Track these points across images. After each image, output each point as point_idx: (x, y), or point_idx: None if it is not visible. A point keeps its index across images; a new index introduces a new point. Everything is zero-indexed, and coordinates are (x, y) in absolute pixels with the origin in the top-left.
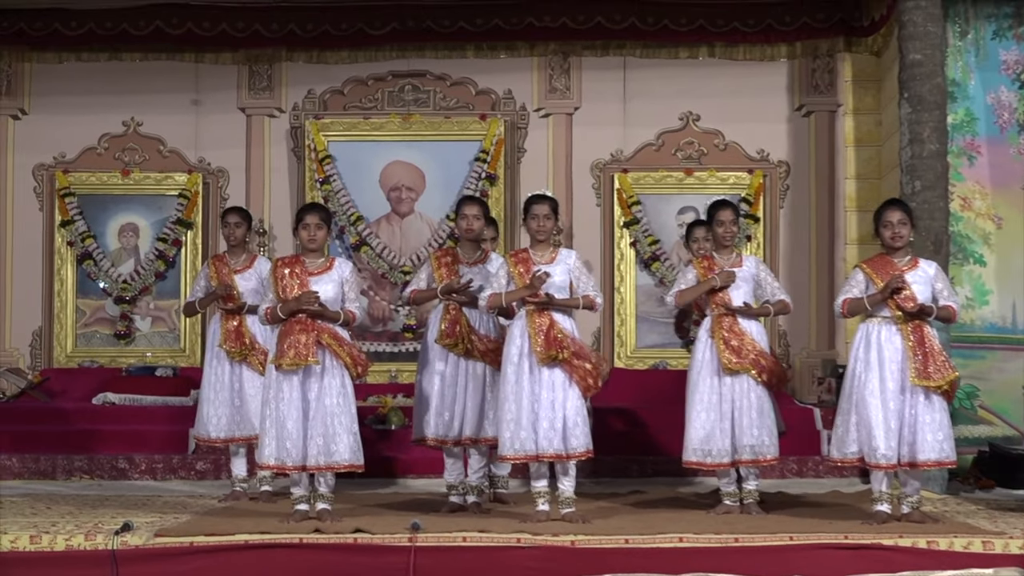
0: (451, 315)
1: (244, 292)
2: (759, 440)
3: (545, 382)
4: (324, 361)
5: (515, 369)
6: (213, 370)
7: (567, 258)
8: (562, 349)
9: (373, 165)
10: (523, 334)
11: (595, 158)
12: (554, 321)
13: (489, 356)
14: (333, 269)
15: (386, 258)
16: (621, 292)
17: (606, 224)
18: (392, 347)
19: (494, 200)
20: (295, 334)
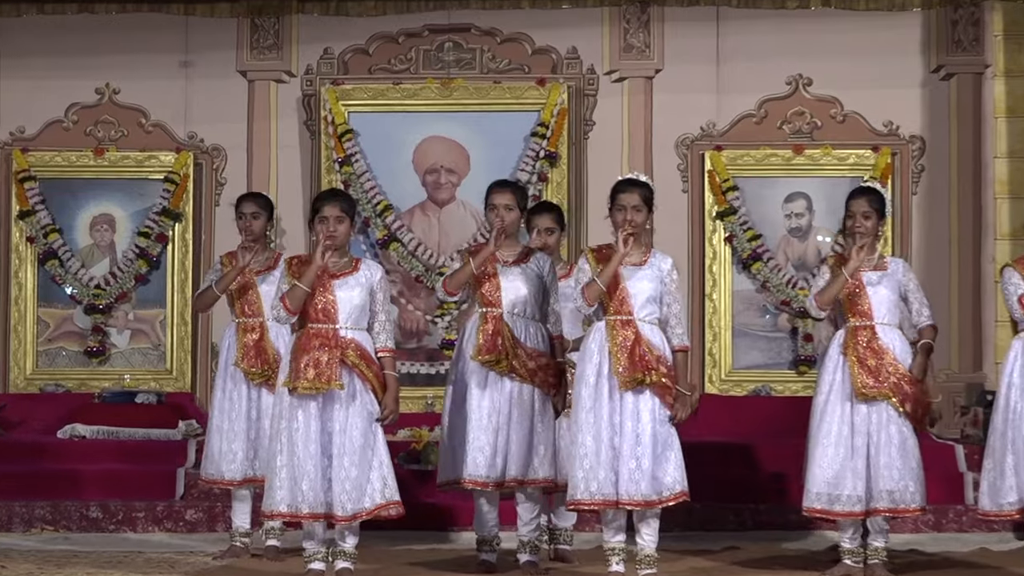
0: (490, 325)
1: (265, 298)
2: (901, 485)
3: (628, 410)
4: (350, 385)
5: (592, 392)
6: (227, 395)
7: (661, 264)
8: (649, 371)
9: (405, 142)
10: (602, 350)
11: (681, 133)
12: (640, 335)
13: (538, 376)
14: (360, 272)
15: (421, 257)
16: (713, 300)
17: (694, 215)
18: (428, 368)
19: (555, 186)
20: (314, 350)
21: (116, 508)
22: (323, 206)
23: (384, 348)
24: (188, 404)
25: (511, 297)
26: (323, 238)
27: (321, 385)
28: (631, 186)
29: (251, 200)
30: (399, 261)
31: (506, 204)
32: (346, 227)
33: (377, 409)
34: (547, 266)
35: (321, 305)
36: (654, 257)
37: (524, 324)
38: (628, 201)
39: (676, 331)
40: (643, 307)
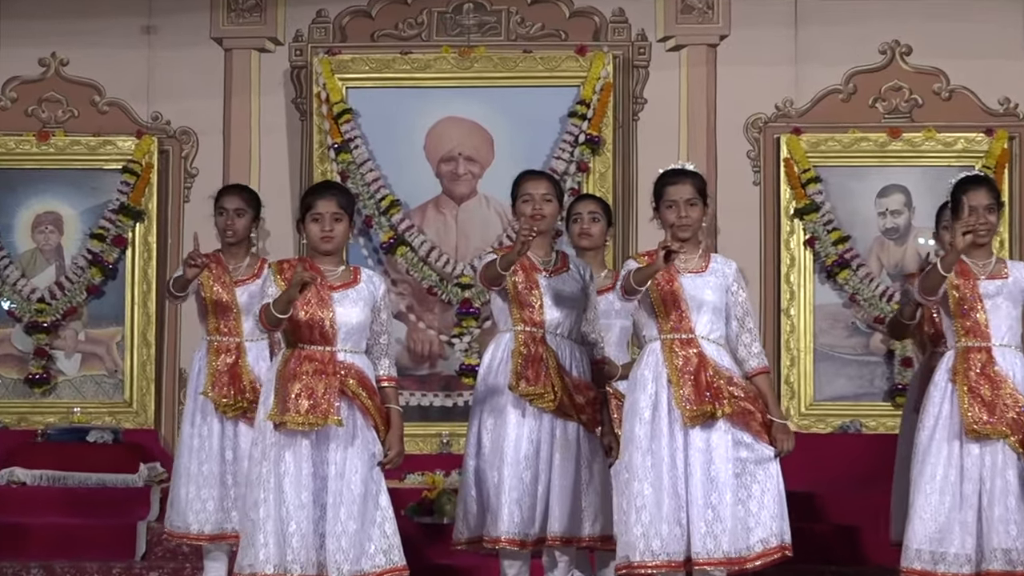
0: (530, 348)
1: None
2: (1019, 543)
3: (697, 448)
4: (349, 420)
5: (648, 430)
6: (196, 429)
7: (724, 269)
8: (720, 400)
9: (416, 124)
10: (658, 377)
11: (751, 113)
12: (705, 357)
13: (586, 412)
14: (360, 284)
15: (434, 264)
16: (791, 316)
17: (767, 212)
18: (444, 399)
19: (597, 177)
20: (307, 377)
21: (64, 570)
22: (316, 201)
23: (387, 376)
24: (151, 444)
25: (555, 314)
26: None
27: (316, 420)
28: (681, 177)
29: (235, 194)
30: (408, 269)
31: (543, 194)
32: (344, 227)
33: (379, 450)
34: (588, 274)
35: (318, 323)
36: (715, 262)
37: (569, 348)
38: (679, 194)
39: (752, 350)
40: (707, 322)
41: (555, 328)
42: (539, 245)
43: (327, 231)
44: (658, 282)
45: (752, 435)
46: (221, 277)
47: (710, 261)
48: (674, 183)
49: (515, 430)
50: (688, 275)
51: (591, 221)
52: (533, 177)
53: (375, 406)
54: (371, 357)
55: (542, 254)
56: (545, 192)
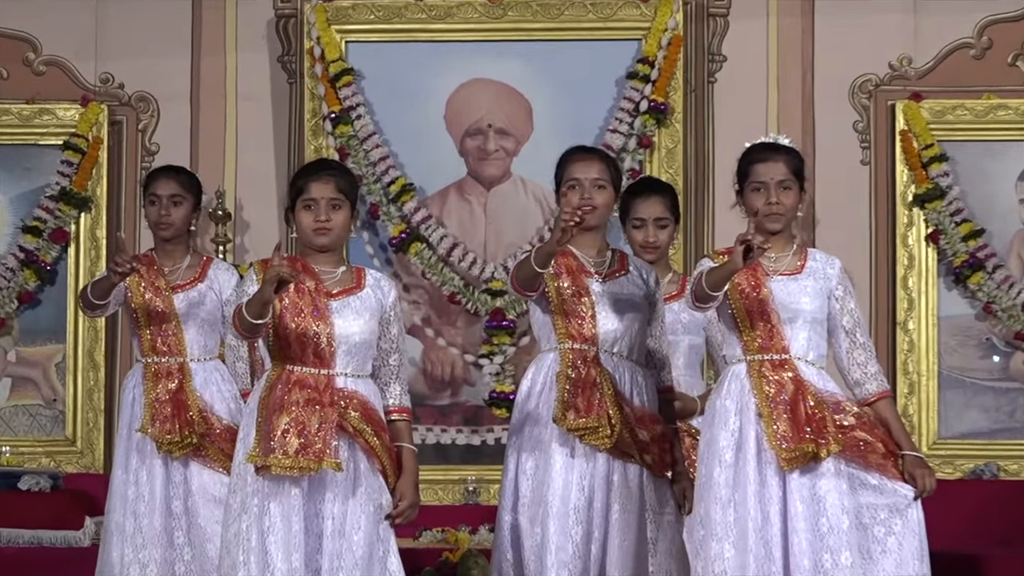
0: (580, 370)
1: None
2: None
3: (800, 496)
4: (350, 464)
5: (730, 476)
6: (131, 476)
7: (826, 268)
8: (825, 436)
9: (434, 88)
10: (743, 409)
11: (859, 73)
12: (804, 382)
13: (651, 452)
14: (365, 289)
15: (457, 265)
16: (909, 331)
17: (879, 199)
18: (469, 435)
19: (664, 154)
20: (298, 408)
21: None
22: (309, 184)
23: (397, 407)
24: (100, 492)
25: (611, 327)
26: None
27: (308, 463)
28: (772, 153)
29: (169, 178)
30: (424, 271)
31: (595, 179)
32: (344, 217)
33: (388, 500)
34: (652, 278)
35: (311, 338)
36: (814, 260)
37: (630, 370)
38: (769, 175)
39: (868, 370)
40: (805, 338)
41: (611, 345)
42: (588, 242)
43: (322, 221)
44: (741, 287)
45: (877, 472)
46: (155, 282)
47: (807, 259)
48: (763, 161)
49: (562, 475)
50: (779, 278)
51: (658, 229)
52: (582, 156)
53: (383, 445)
54: (378, 382)
55: (593, 253)
56: (597, 177)
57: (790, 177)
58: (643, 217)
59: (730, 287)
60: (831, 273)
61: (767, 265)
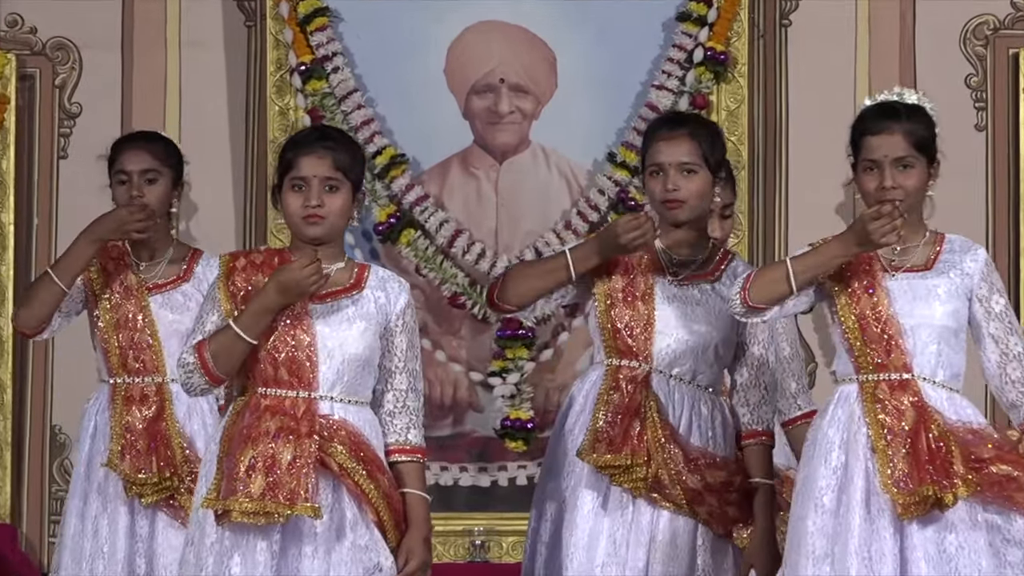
0: (623, 393)
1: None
2: None
3: (924, 553)
4: (335, 510)
5: (830, 524)
6: (87, 523)
7: (966, 261)
8: (952, 479)
9: (431, 34)
10: (851, 440)
11: (972, 15)
12: (929, 410)
13: (707, 503)
14: (364, 291)
15: (461, 257)
16: None
17: (998, 172)
18: (476, 475)
19: (725, 117)
20: (267, 439)
21: None
22: (299, 158)
23: (404, 446)
24: (5, 547)
25: (670, 342)
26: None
27: (277, 508)
28: (887, 121)
29: (142, 149)
30: (419, 266)
31: (683, 163)
32: (342, 201)
33: (387, 561)
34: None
35: (285, 352)
36: (950, 250)
37: (691, 399)
38: (883, 150)
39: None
40: (934, 353)
41: (668, 365)
42: (676, 235)
43: (313, 207)
44: (850, 285)
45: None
46: (125, 280)
47: (942, 251)
48: (876, 132)
49: (588, 522)
50: (903, 276)
51: (719, 218)
52: (667, 133)
53: (379, 491)
54: (380, 412)
55: (681, 249)
56: (687, 160)
57: (912, 152)
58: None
59: (834, 280)
60: (972, 268)
61: (887, 258)
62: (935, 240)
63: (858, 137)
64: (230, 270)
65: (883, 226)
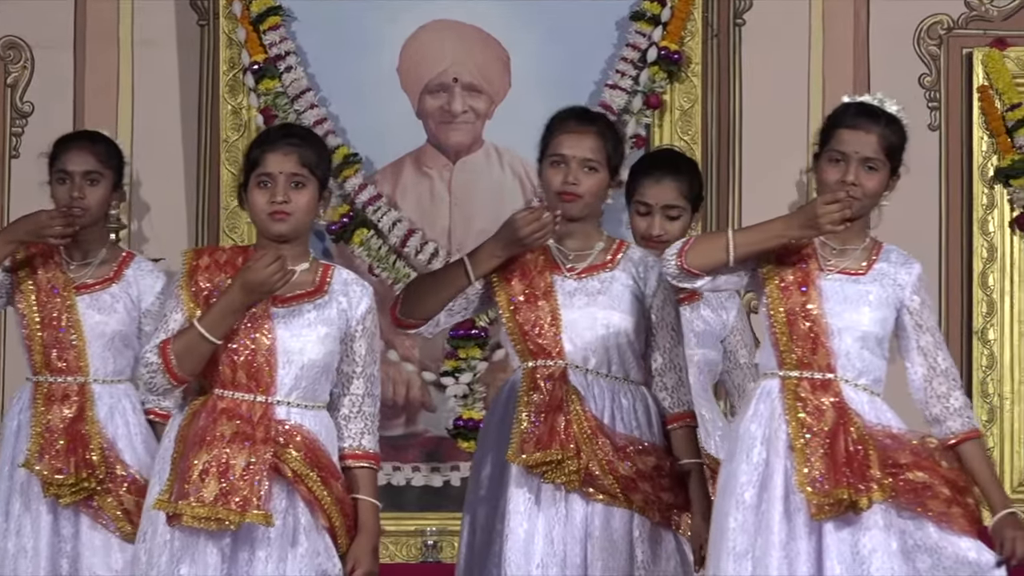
0: (543, 392)
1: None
2: None
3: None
4: (288, 516)
5: (751, 521)
6: (11, 522)
7: (899, 273)
8: (868, 483)
9: (384, 33)
10: (772, 437)
11: (927, 14)
12: (849, 410)
13: (640, 491)
14: (326, 295)
15: (414, 257)
16: (989, 342)
17: (951, 173)
18: (429, 475)
19: (678, 117)
20: (222, 443)
21: None
22: (266, 155)
23: (358, 452)
24: None
25: (580, 336)
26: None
27: (229, 514)
28: (866, 120)
29: (83, 148)
30: (372, 265)
31: (585, 159)
32: (308, 199)
33: (337, 568)
34: (655, 276)
35: (244, 355)
36: (886, 259)
37: (610, 391)
38: (856, 146)
39: (951, 404)
40: (858, 355)
41: (583, 360)
42: (571, 232)
43: (279, 203)
44: (783, 280)
45: (939, 526)
46: (52, 278)
47: (878, 259)
48: (853, 128)
49: (523, 523)
50: (837, 277)
51: (666, 220)
52: (575, 128)
53: (332, 496)
54: (336, 416)
55: (576, 245)
56: (589, 156)
57: (881, 156)
58: (649, 203)
59: (769, 271)
60: (905, 280)
61: (824, 257)
62: (873, 248)
63: (831, 128)
64: (193, 269)
65: (834, 212)
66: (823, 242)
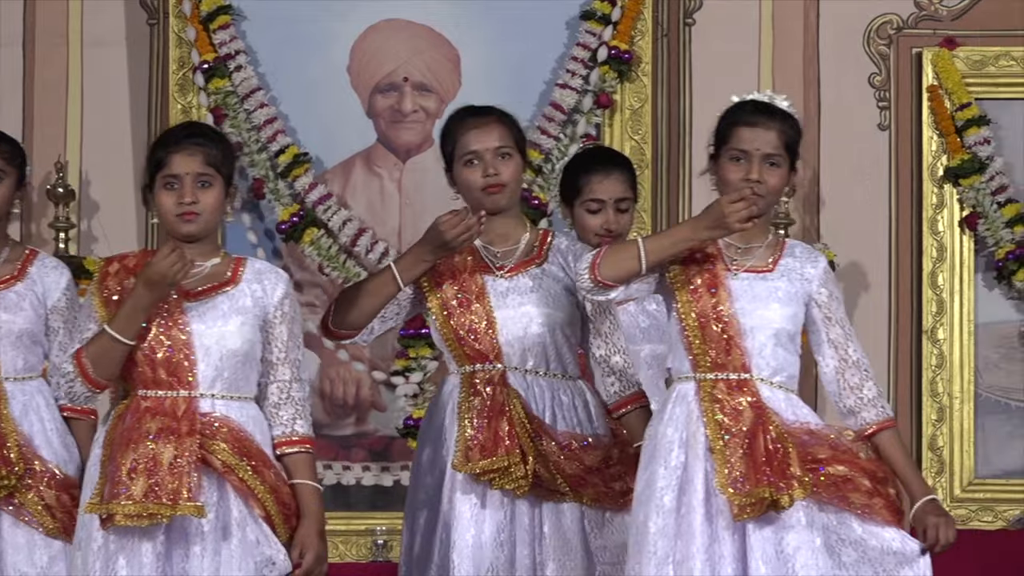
0: (482, 397)
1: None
2: None
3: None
4: (221, 508)
5: (671, 525)
6: None
7: (805, 267)
8: (789, 481)
9: (335, 32)
10: (689, 440)
11: (877, 14)
12: (766, 409)
13: (591, 484)
14: (240, 284)
15: (364, 256)
16: (939, 342)
17: (900, 173)
18: (379, 474)
19: (628, 116)
20: (147, 441)
21: None
22: (170, 156)
23: (291, 437)
24: None
25: (515, 336)
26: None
27: (159, 508)
28: (763, 117)
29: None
30: (322, 265)
31: (498, 147)
32: (215, 197)
33: (279, 556)
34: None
35: (162, 353)
36: (790, 255)
37: (549, 389)
38: (756, 143)
39: (864, 394)
40: (771, 354)
41: (520, 360)
42: (495, 228)
43: (187, 204)
44: (692, 282)
45: (861, 519)
46: None
47: (783, 255)
48: (751, 125)
49: (470, 530)
50: (745, 276)
51: (618, 213)
52: (476, 121)
53: (266, 485)
54: (265, 405)
55: (501, 241)
56: (500, 144)
57: (781, 152)
58: (602, 198)
59: (676, 276)
60: (811, 274)
61: (731, 257)
62: (777, 244)
63: (727, 127)
64: (103, 275)
65: (740, 209)
66: (728, 243)
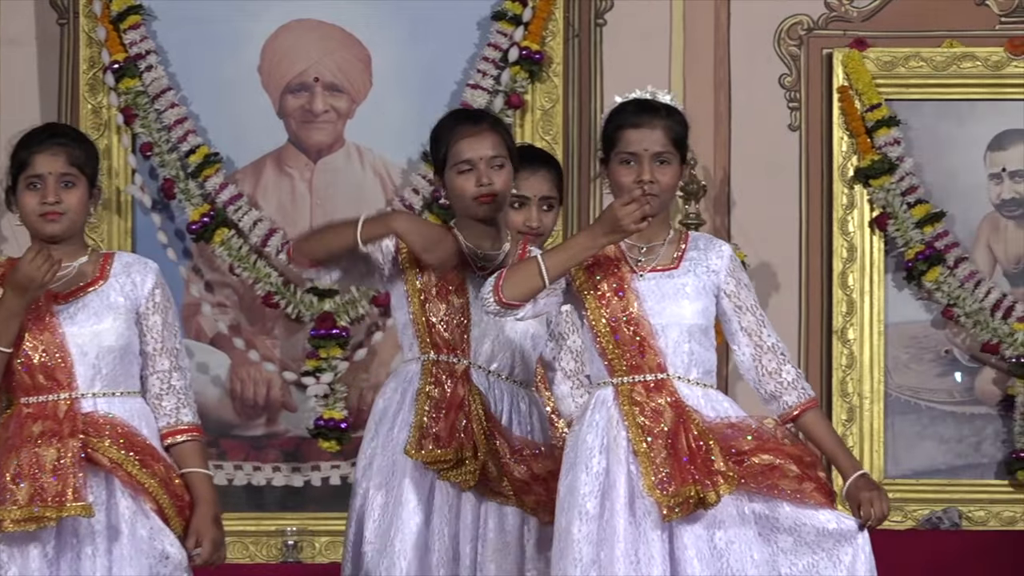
0: (444, 389)
1: None
2: None
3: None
4: (110, 506)
5: (594, 531)
6: None
7: (710, 258)
8: (714, 477)
9: (244, 32)
10: (611, 445)
11: (787, 15)
12: (686, 407)
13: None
14: (108, 280)
15: (275, 256)
16: (849, 342)
17: (811, 173)
18: (290, 475)
19: (539, 116)
20: (31, 445)
21: None
22: (33, 157)
23: (179, 427)
24: None
25: (490, 340)
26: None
27: (44, 511)
28: (647, 116)
29: None
30: (233, 265)
31: (492, 156)
32: (79, 198)
33: (174, 547)
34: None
35: (37, 357)
36: (694, 247)
37: (509, 394)
38: (644, 144)
39: (784, 377)
40: (687, 352)
41: (487, 360)
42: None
43: (51, 204)
44: (598, 287)
45: (793, 504)
46: None
47: (687, 249)
48: (636, 126)
49: (416, 517)
50: (650, 275)
51: (542, 212)
52: (472, 129)
53: (156, 479)
54: (148, 398)
55: (486, 243)
56: (494, 154)
57: (670, 149)
58: (526, 196)
59: (582, 284)
60: (717, 265)
61: (634, 259)
62: (679, 238)
63: (614, 131)
64: None
65: (634, 211)
66: (630, 244)
